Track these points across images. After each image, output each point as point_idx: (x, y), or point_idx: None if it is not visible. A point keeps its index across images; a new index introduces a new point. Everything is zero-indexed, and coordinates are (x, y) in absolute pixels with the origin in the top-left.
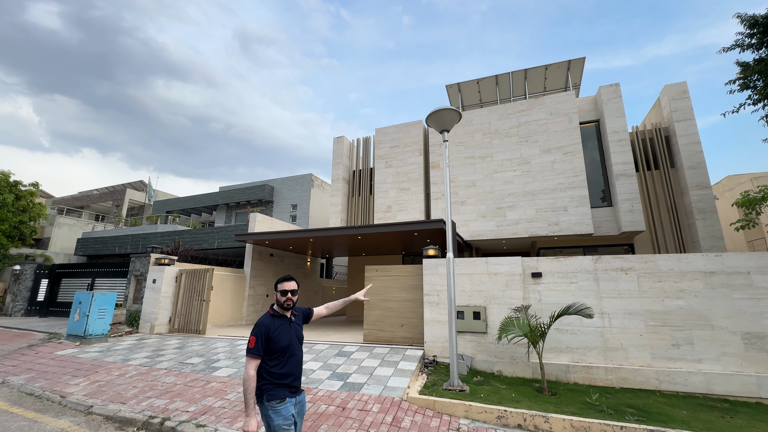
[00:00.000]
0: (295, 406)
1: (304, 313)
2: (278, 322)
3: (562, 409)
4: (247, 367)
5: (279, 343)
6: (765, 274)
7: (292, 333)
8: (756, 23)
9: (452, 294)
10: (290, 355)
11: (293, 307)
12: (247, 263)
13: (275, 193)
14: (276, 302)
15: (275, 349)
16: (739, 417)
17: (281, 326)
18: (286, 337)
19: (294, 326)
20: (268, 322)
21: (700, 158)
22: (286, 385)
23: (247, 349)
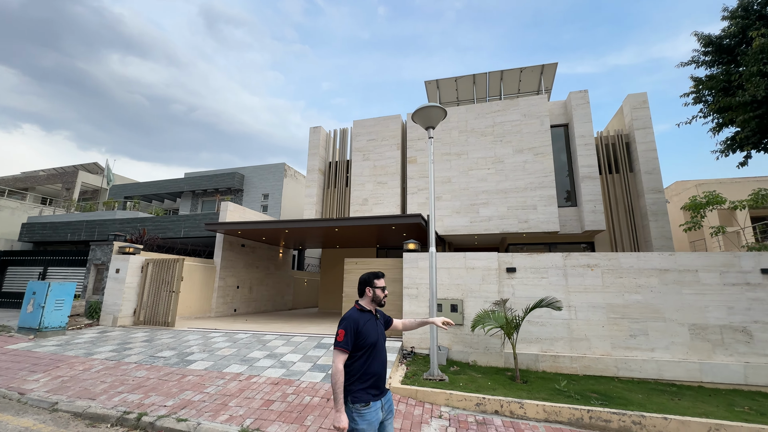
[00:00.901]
0: (382, 410)
1: (385, 317)
2: (366, 317)
3: (534, 395)
4: (336, 361)
5: (367, 339)
6: (710, 272)
7: (379, 330)
8: (710, 42)
9: (434, 287)
10: (376, 353)
11: (384, 304)
12: (217, 253)
13: (246, 181)
14: (372, 298)
15: (362, 345)
16: (686, 399)
17: (369, 321)
18: (373, 334)
19: (379, 324)
20: (356, 316)
21: (656, 164)
22: (371, 386)
23: (335, 342)
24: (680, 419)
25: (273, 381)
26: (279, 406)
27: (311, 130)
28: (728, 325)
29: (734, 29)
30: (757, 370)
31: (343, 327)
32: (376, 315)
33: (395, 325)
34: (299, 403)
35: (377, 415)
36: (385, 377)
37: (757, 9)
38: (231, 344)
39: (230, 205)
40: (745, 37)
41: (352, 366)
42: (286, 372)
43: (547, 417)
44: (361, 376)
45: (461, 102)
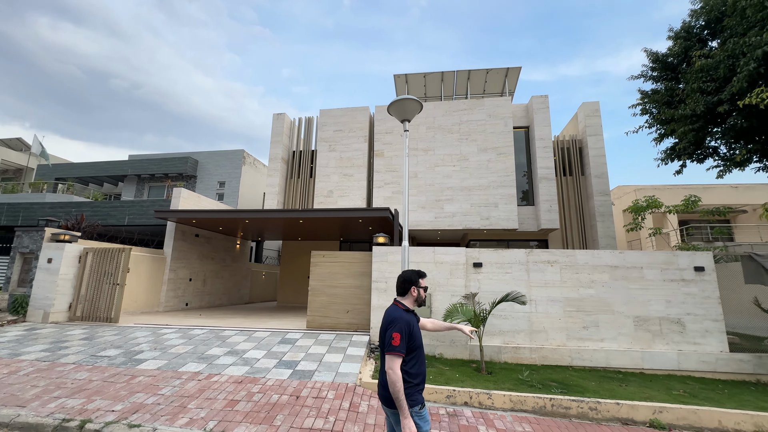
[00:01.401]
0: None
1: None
2: (413, 318)
3: (500, 386)
4: (394, 367)
5: (416, 340)
6: (653, 269)
7: (420, 332)
8: (657, 59)
9: None
10: (422, 354)
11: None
12: (167, 243)
13: (200, 167)
14: (416, 298)
15: (413, 347)
16: (632, 385)
17: (415, 323)
18: (419, 335)
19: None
20: (407, 318)
21: (604, 169)
22: (421, 386)
23: (389, 347)
24: (630, 404)
25: (236, 379)
26: (245, 406)
27: (275, 117)
28: (666, 317)
29: (678, 49)
30: (688, 357)
31: (397, 330)
32: (416, 315)
33: (423, 324)
34: (266, 402)
35: (430, 424)
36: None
37: (698, 32)
38: (186, 341)
39: (183, 191)
40: (687, 57)
41: (407, 369)
42: (250, 369)
43: (513, 406)
44: (413, 378)
45: (428, 98)
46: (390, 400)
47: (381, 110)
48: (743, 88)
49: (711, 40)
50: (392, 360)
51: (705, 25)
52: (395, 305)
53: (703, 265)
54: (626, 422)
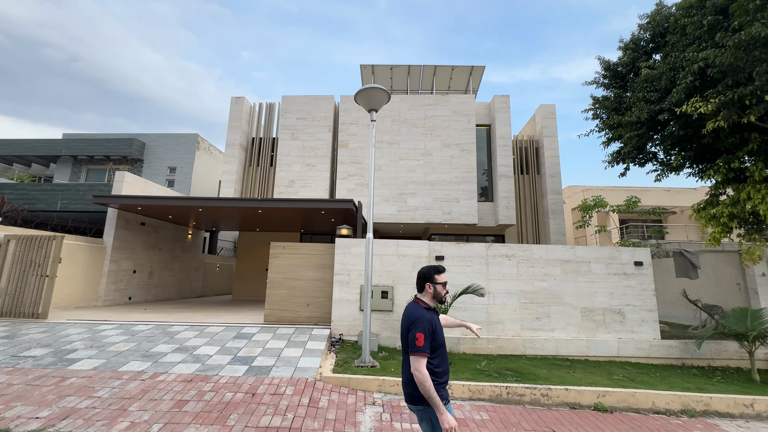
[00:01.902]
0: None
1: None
2: (435, 316)
3: (459, 376)
4: (420, 368)
5: (439, 338)
6: (599, 263)
7: (442, 329)
8: (609, 68)
9: (370, 273)
10: (444, 352)
11: (444, 300)
12: (108, 232)
13: (147, 150)
14: (433, 294)
15: (436, 346)
16: (578, 371)
17: (437, 320)
18: (441, 332)
19: (439, 323)
20: (429, 317)
21: (558, 169)
22: (445, 383)
23: (414, 347)
24: (577, 389)
25: (185, 378)
26: (195, 406)
27: (233, 100)
28: (609, 307)
29: (626, 59)
30: (626, 344)
31: (420, 330)
32: (437, 312)
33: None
34: (219, 401)
35: (452, 412)
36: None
37: (644, 45)
38: (128, 338)
39: (128, 175)
40: (635, 67)
41: (432, 368)
42: (202, 367)
43: (471, 396)
44: (438, 376)
45: (394, 91)
46: (413, 397)
47: (346, 100)
48: (681, 98)
49: (655, 53)
50: (418, 361)
51: (651, 39)
52: (416, 303)
53: (642, 260)
54: (574, 406)
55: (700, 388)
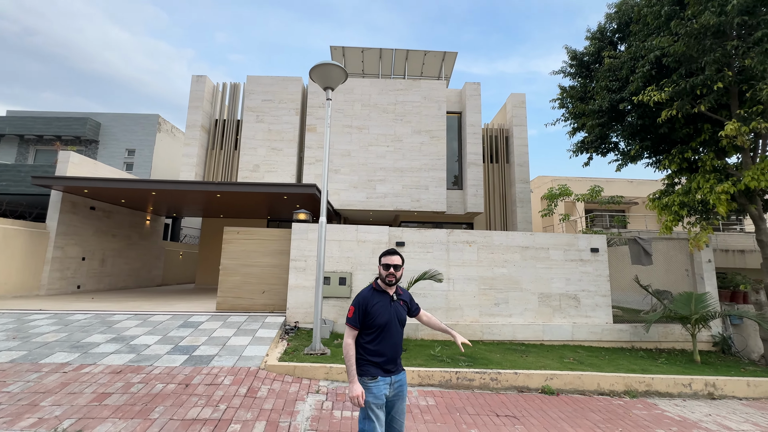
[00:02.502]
0: (390, 386)
1: (411, 301)
2: (378, 298)
3: (411, 362)
4: (346, 338)
5: (376, 319)
6: (557, 250)
7: (392, 312)
8: (575, 57)
9: (322, 259)
10: (387, 336)
11: (395, 283)
12: (51, 216)
13: (103, 131)
14: (378, 276)
15: (371, 325)
16: (531, 355)
17: (380, 302)
18: (384, 315)
19: (396, 306)
20: (367, 295)
21: (526, 158)
22: (379, 365)
23: (346, 318)
24: (526, 373)
25: (114, 369)
26: (117, 400)
27: (194, 79)
28: (565, 293)
29: (592, 49)
30: (580, 328)
31: (353, 304)
32: (393, 297)
33: (420, 316)
34: (147, 393)
35: (384, 389)
36: (397, 359)
37: (610, 35)
38: (60, 328)
39: (73, 155)
40: (600, 57)
41: (363, 344)
42: (136, 357)
43: (421, 381)
44: (370, 354)
45: (366, 75)
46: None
47: (314, 83)
48: (639, 87)
49: (620, 44)
50: (347, 330)
51: (617, 29)
52: (370, 284)
53: (598, 246)
54: (522, 390)
55: (645, 370)
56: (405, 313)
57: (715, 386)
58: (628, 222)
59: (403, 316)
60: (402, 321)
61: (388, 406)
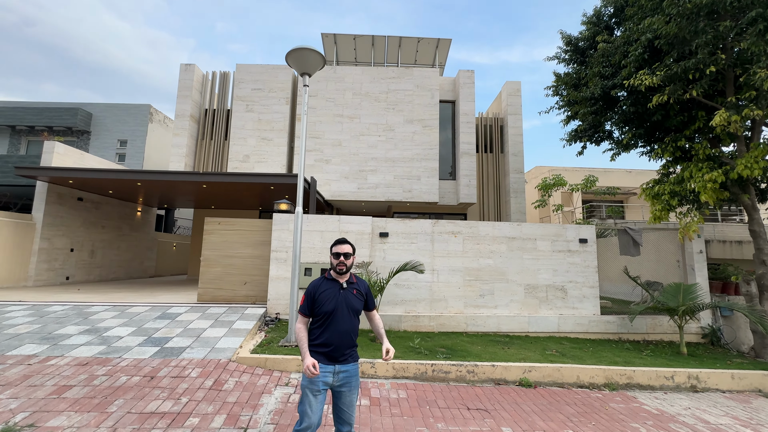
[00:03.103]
0: (334, 375)
1: (367, 293)
2: (327, 286)
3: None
4: (296, 323)
5: (322, 307)
6: (545, 240)
7: (341, 300)
8: (570, 42)
9: (298, 250)
10: (333, 324)
11: (346, 272)
12: (38, 207)
13: (95, 122)
14: (330, 265)
15: (318, 313)
16: (513, 347)
17: (329, 290)
18: (331, 303)
19: (346, 295)
20: (318, 283)
21: (521, 147)
22: (324, 353)
23: (299, 306)
24: (504, 365)
25: (81, 361)
26: (77, 392)
27: (182, 68)
28: (552, 284)
29: (587, 33)
30: (566, 320)
31: (304, 293)
32: (342, 285)
33: (371, 315)
34: (109, 385)
35: (325, 377)
36: (344, 348)
37: (606, 20)
38: (34, 319)
39: (59, 146)
40: (595, 42)
41: (311, 331)
42: (106, 349)
43: (395, 374)
44: (315, 341)
45: (359, 63)
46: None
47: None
48: (631, 72)
49: (616, 29)
50: (298, 318)
51: (613, 13)
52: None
53: (587, 237)
54: (499, 382)
55: (628, 362)
56: (358, 303)
57: (698, 379)
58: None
59: (355, 306)
60: (353, 310)
61: (335, 396)
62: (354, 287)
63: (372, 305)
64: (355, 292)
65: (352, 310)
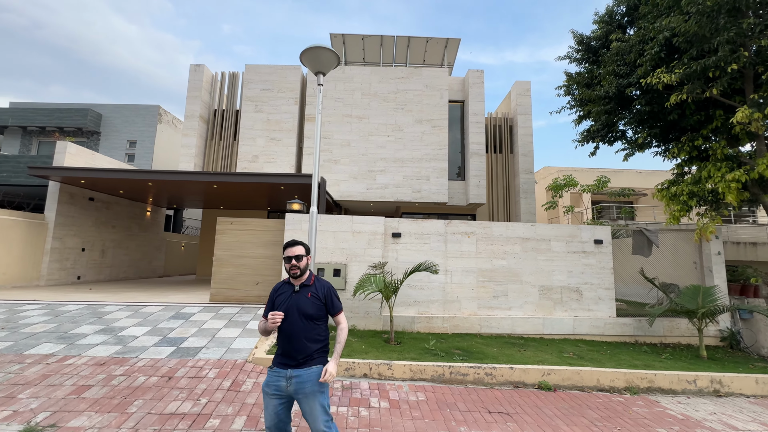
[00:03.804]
0: (286, 380)
1: (327, 297)
2: (284, 289)
3: (404, 355)
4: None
5: (276, 309)
6: (559, 241)
7: (292, 303)
8: (582, 41)
9: (313, 249)
10: (283, 328)
11: (299, 275)
12: (50, 207)
13: (105, 122)
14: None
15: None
16: (529, 349)
17: (284, 293)
18: (282, 306)
19: (298, 298)
20: (277, 286)
21: (531, 148)
22: (281, 356)
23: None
24: (523, 368)
25: (99, 361)
26: (96, 392)
27: (192, 68)
28: (567, 286)
29: (600, 32)
30: (582, 322)
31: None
32: (295, 288)
33: (335, 320)
34: (128, 386)
35: (276, 381)
36: (294, 353)
37: (618, 18)
38: (50, 318)
39: (71, 146)
40: (608, 41)
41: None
42: (122, 348)
43: (412, 376)
44: (276, 344)
45: (367, 63)
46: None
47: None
48: (647, 71)
49: (629, 27)
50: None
51: (626, 12)
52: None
53: (602, 238)
54: (518, 385)
55: (648, 365)
56: (311, 307)
57: (721, 383)
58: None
59: (306, 310)
60: (304, 314)
61: (297, 402)
62: (309, 290)
63: (334, 309)
64: (309, 296)
65: (303, 315)
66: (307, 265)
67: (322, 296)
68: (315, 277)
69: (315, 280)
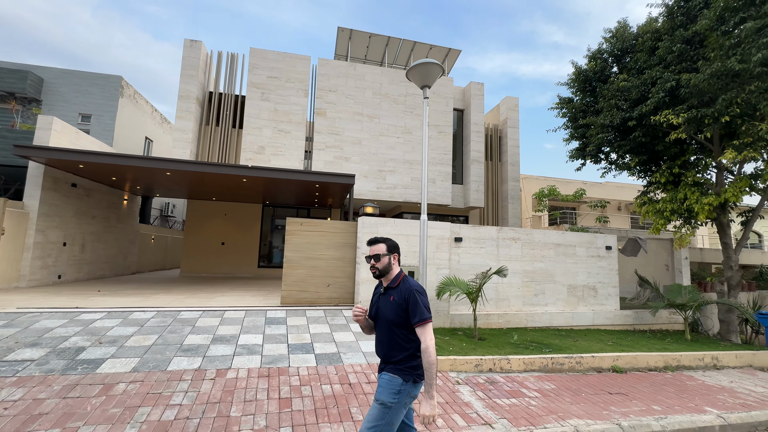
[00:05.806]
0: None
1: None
2: (378, 288)
3: (499, 350)
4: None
5: (371, 310)
6: (582, 247)
7: (379, 306)
8: (579, 73)
9: (424, 257)
10: (376, 328)
11: (379, 275)
12: (32, 194)
13: (48, 89)
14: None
15: (372, 316)
16: (580, 339)
17: (376, 294)
18: (372, 308)
19: (383, 300)
20: (377, 284)
21: (518, 158)
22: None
23: None
24: (600, 356)
25: (261, 373)
26: (304, 404)
27: (187, 44)
28: (586, 284)
29: (597, 67)
30: (598, 315)
31: None
32: (381, 290)
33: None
34: (322, 396)
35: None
36: (380, 356)
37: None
38: (137, 329)
39: (57, 121)
40: (603, 75)
41: None
42: (265, 359)
43: (525, 368)
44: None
45: (368, 61)
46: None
47: (325, 64)
48: (650, 110)
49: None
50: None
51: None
52: None
53: (611, 245)
54: (599, 370)
55: (665, 348)
56: (392, 313)
57: (717, 359)
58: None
59: (387, 314)
60: (386, 317)
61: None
62: (393, 293)
63: (416, 318)
64: (392, 299)
65: (385, 318)
66: (389, 264)
67: (403, 301)
68: (403, 278)
69: (402, 281)
